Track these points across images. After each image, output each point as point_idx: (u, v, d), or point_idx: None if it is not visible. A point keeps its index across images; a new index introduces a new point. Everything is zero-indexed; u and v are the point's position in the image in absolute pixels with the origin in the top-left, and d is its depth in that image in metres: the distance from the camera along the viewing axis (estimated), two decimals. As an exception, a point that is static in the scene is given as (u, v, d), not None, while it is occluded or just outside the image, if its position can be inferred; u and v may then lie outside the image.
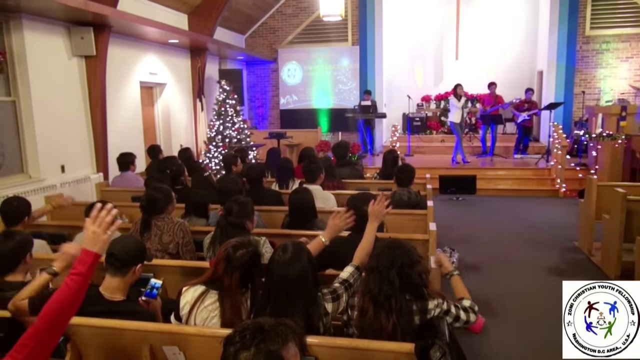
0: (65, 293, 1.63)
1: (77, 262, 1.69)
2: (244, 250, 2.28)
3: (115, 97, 7.24)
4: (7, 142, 5.68)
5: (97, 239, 1.71)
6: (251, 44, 12.76)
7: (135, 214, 4.21)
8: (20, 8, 5.41)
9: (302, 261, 2.14)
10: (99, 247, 1.71)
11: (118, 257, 2.33)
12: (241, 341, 1.37)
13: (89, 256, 1.68)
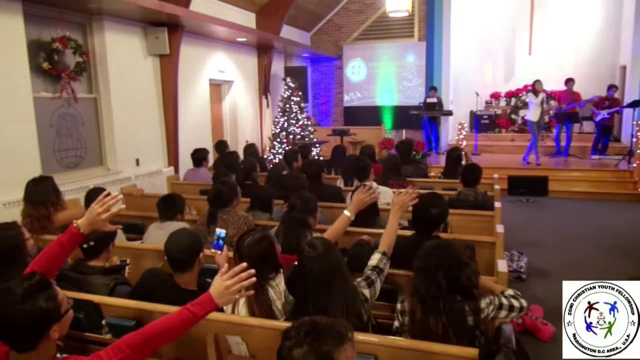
0: (173, 321, 1.70)
1: (197, 303, 1.74)
2: (250, 237, 2.37)
3: (186, 94, 7.55)
4: (88, 136, 6.08)
5: (226, 294, 1.75)
6: (316, 41, 12.85)
7: (203, 206, 4.37)
8: (102, 10, 5.77)
9: (334, 252, 2.18)
10: (222, 301, 1.76)
11: (176, 258, 2.45)
12: (296, 337, 1.38)
13: (210, 304, 1.74)
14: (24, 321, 1.49)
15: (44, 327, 1.54)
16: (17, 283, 1.54)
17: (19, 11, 4.82)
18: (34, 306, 1.50)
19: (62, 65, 5.44)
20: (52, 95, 5.47)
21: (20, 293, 1.50)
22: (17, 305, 1.49)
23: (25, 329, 1.51)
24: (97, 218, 1.98)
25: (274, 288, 2.34)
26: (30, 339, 1.53)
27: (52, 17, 5.41)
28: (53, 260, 1.92)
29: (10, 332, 1.52)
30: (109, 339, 2.40)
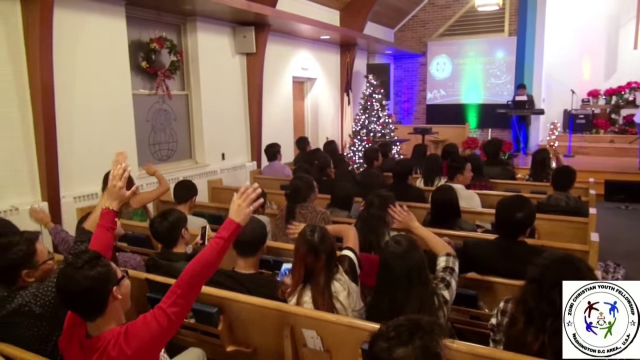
0: (208, 252, 1.86)
1: (222, 228, 1.91)
2: (315, 232, 2.40)
3: (270, 91, 7.77)
4: (180, 131, 6.46)
5: (241, 211, 1.93)
6: (400, 38, 12.66)
7: (283, 201, 4.47)
8: (196, 12, 6.09)
9: (418, 251, 2.17)
10: (241, 219, 1.92)
11: (243, 241, 2.56)
12: (398, 337, 1.35)
13: (232, 224, 1.91)
14: (87, 284, 1.68)
15: (106, 287, 1.72)
16: (76, 257, 1.76)
17: (122, 14, 5.22)
18: (93, 270, 1.70)
19: (158, 64, 5.83)
20: (148, 92, 5.88)
21: (81, 263, 1.71)
22: (80, 272, 1.69)
23: (90, 291, 1.69)
24: (116, 191, 2.18)
25: (338, 280, 2.37)
26: (98, 301, 1.71)
27: (151, 19, 5.79)
28: (104, 244, 2.10)
29: (78, 299, 1.70)
30: (193, 323, 2.53)
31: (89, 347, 1.71)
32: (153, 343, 1.75)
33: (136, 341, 1.70)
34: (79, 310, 1.75)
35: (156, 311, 1.76)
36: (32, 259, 2.14)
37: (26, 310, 2.04)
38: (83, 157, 4.84)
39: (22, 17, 4.21)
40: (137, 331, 1.72)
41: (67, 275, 1.70)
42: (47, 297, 2.06)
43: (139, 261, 3.00)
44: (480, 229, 3.75)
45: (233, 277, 2.56)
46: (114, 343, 1.70)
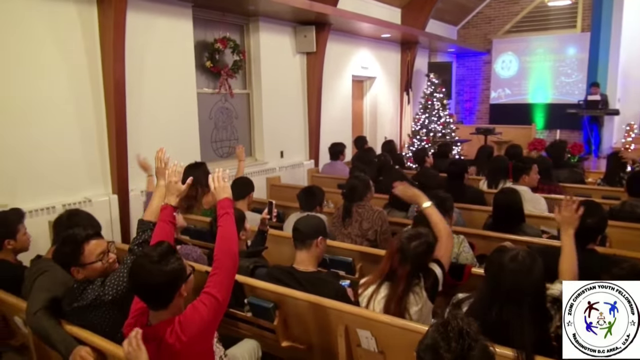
0: (222, 229, 2.05)
1: (219, 208, 2.13)
2: (418, 241, 2.29)
3: (329, 90, 7.79)
4: (240, 128, 6.62)
5: (221, 189, 2.21)
6: (463, 35, 12.31)
7: (340, 200, 4.47)
8: (259, 12, 6.21)
9: (538, 273, 1.92)
10: (226, 193, 2.20)
11: (300, 230, 2.61)
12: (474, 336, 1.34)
13: (224, 201, 2.16)
14: (161, 279, 1.78)
15: (177, 284, 1.82)
16: (152, 250, 1.85)
17: (189, 16, 5.42)
18: (167, 266, 1.79)
19: (221, 64, 6.00)
20: (212, 90, 6.06)
21: (156, 257, 1.80)
22: (155, 265, 1.78)
23: (163, 286, 1.79)
24: (172, 186, 2.29)
25: (416, 294, 2.26)
26: (166, 295, 1.82)
27: (215, 20, 5.97)
28: (165, 237, 2.16)
29: (150, 291, 1.81)
30: (249, 317, 2.58)
31: (148, 335, 1.80)
32: (205, 326, 1.84)
33: (190, 327, 1.80)
34: (145, 300, 1.85)
35: (202, 296, 1.87)
36: (78, 259, 2.19)
37: (98, 302, 2.18)
38: (150, 153, 5.05)
39: (98, 20, 4.48)
40: (189, 318, 1.82)
41: (143, 268, 1.79)
42: (118, 287, 2.19)
43: (200, 254, 3.09)
44: (546, 235, 3.57)
45: (291, 273, 2.58)
46: (170, 332, 1.79)
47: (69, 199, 4.36)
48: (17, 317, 2.47)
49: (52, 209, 4.17)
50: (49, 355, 2.37)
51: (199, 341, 1.83)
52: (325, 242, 2.70)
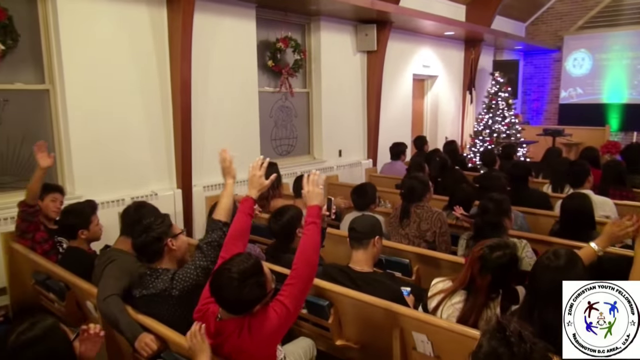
0: (306, 238, 2.02)
1: (307, 216, 2.09)
2: (501, 252, 2.15)
3: (389, 89, 7.71)
4: (300, 127, 6.70)
5: (314, 195, 2.15)
6: (532, 32, 11.77)
7: (397, 200, 4.41)
8: (320, 11, 6.25)
9: (577, 270, 1.88)
10: (318, 200, 2.13)
11: (356, 229, 2.59)
12: None
13: (314, 209, 2.10)
14: (235, 300, 1.81)
15: (251, 306, 1.84)
16: (235, 265, 1.83)
17: (253, 16, 5.54)
18: (244, 289, 1.78)
19: (283, 63, 6.09)
20: (272, 89, 6.17)
21: (237, 277, 1.79)
22: (236, 289, 1.78)
23: (237, 304, 1.83)
24: (256, 179, 2.30)
25: (489, 309, 2.15)
26: (241, 311, 1.85)
27: (278, 20, 6.07)
28: (242, 227, 2.21)
29: (231, 306, 1.85)
30: (305, 313, 2.60)
31: (217, 329, 1.85)
32: (273, 333, 1.85)
33: (258, 332, 1.81)
34: (221, 306, 1.88)
35: (274, 303, 1.86)
36: (170, 231, 2.40)
37: (166, 294, 2.27)
38: (212, 149, 5.23)
39: (168, 22, 4.68)
40: (261, 323, 1.83)
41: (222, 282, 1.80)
42: (185, 283, 2.27)
43: (259, 252, 3.16)
44: (619, 244, 3.35)
45: (347, 273, 2.57)
46: (238, 332, 1.82)
47: (137, 192, 4.59)
48: (88, 302, 2.63)
49: (122, 201, 4.41)
50: (117, 339, 2.50)
51: (265, 345, 1.85)
52: (382, 242, 2.68)
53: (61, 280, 2.82)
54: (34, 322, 1.53)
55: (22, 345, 1.46)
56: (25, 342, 1.46)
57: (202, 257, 2.30)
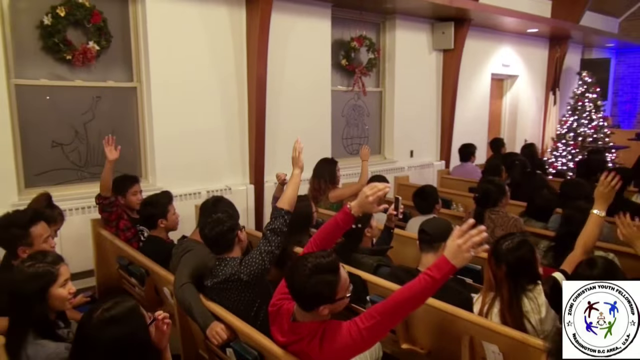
0: (416, 287, 1.77)
1: (434, 266, 1.77)
2: (509, 241, 2.19)
3: (465, 89, 7.46)
4: (371, 126, 6.66)
5: (460, 253, 1.74)
6: (627, 28, 10.88)
7: (469, 204, 4.26)
8: (396, 10, 6.17)
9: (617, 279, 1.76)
10: (458, 261, 1.74)
11: (427, 232, 2.53)
12: None
13: (447, 266, 1.75)
14: (304, 292, 1.78)
15: (314, 301, 1.79)
16: (314, 257, 1.81)
17: (328, 15, 5.58)
18: (310, 280, 1.75)
19: (356, 62, 6.09)
20: (345, 88, 6.18)
21: (309, 267, 1.77)
22: (304, 277, 1.76)
23: (306, 297, 1.80)
24: (366, 201, 2.08)
25: (531, 300, 2.13)
26: (309, 305, 1.82)
27: (353, 19, 6.07)
28: (330, 236, 2.15)
29: (296, 294, 1.83)
30: (370, 314, 2.58)
31: (290, 329, 1.88)
32: (343, 353, 1.81)
33: (329, 346, 1.79)
34: (294, 299, 1.87)
35: (352, 326, 1.79)
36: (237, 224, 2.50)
37: (235, 278, 2.35)
38: (285, 147, 5.33)
39: (246, 22, 4.83)
40: (332, 337, 1.80)
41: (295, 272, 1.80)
42: (252, 268, 2.36)
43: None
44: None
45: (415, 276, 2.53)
46: (310, 339, 1.81)
47: (212, 186, 4.78)
48: (166, 288, 2.78)
49: (198, 194, 4.61)
50: (190, 325, 2.62)
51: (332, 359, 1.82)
52: None
53: (142, 266, 3.00)
54: (118, 302, 1.62)
55: (106, 321, 1.55)
56: (109, 318, 1.55)
57: (266, 243, 2.39)
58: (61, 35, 3.91)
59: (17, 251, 2.41)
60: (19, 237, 2.41)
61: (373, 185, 2.11)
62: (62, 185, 4.17)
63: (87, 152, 4.32)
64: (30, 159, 4.05)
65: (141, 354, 1.61)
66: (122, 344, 1.56)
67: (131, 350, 1.58)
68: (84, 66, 4.13)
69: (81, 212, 4.03)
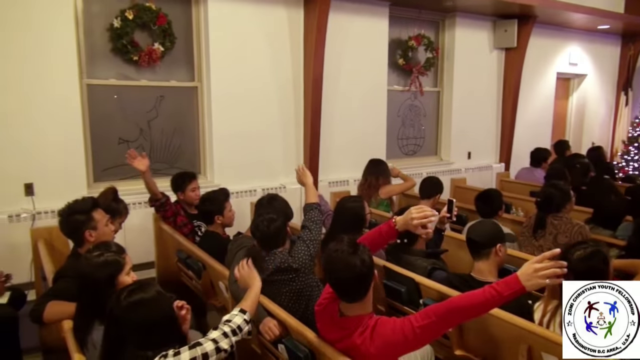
0: (478, 298, 1.74)
1: (503, 282, 1.74)
2: (581, 250, 2.07)
3: (528, 88, 7.17)
4: (427, 127, 6.54)
5: (534, 279, 1.69)
6: None
7: (530, 208, 4.09)
8: (456, 7, 6.02)
9: None
10: (530, 284, 1.69)
11: (474, 239, 2.47)
12: None
13: (517, 285, 1.70)
14: (352, 272, 1.77)
15: (368, 278, 1.81)
16: (345, 245, 1.84)
17: (386, 14, 5.53)
18: (358, 259, 1.79)
19: (414, 61, 6.00)
20: (402, 88, 6.10)
21: (348, 249, 1.81)
22: (346, 257, 1.79)
23: (355, 278, 1.79)
24: (410, 222, 2.09)
25: None
26: (358, 289, 1.81)
27: (411, 18, 5.98)
28: (372, 244, 2.13)
29: (343, 283, 1.82)
30: (423, 318, 2.53)
31: (339, 324, 1.88)
32: (394, 349, 1.80)
33: (380, 341, 1.78)
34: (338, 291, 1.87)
35: (406, 323, 1.78)
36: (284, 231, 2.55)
37: (285, 266, 2.41)
38: (339, 146, 5.36)
39: (304, 21, 4.88)
40: (384, 333, 1.79)
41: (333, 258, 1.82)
42: (299, 255, 2.43)
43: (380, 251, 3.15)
44: None
45: (468, 282, 2.47)
46: (360, 332, 1.81)
47: (267, 184, 4.87)
48: (221, 283, 2.85)
49: (254, 192, 4.71)
50: (243, 320, 2.67)
51: (383, 353, 1.80)
52: (505, 249, 2.53)
53: (199, 260, 3.10)
54: (143, 286, 1.72)
55: (134, 303, 1.65)
56: (137, 301, 1.65)
57: (308, 233, 2.53)
58: (129, 37, 4.11)
59: (83, 236, 2.55)
60: (84, 221, 2.54)
61: (421, 208, 2.11)
62: (126, 180, 4.39)
63: (151, 148, 4.52)
64: (98, 155, 4.29)
65: (166, 333, 1.70)
66: (149, 324, 1.66)
67: (157, 329, 1.67)
68: (149, 66, 4.33)
69: (144, 206, 4.21)
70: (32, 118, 3.80)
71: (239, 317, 2.01)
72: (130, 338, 1.66)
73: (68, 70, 3.90)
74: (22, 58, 3.72)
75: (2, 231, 3.72)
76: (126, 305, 1.65)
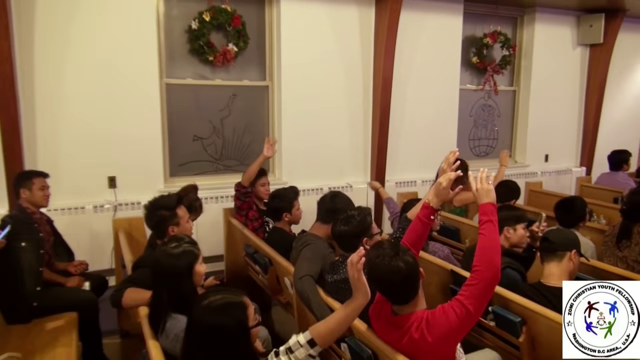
0: (484, 238, 1.86)
1: (481, 215, 1.92)
2: None
3: (615, 87, 6.68)
4: (501, 127, 6.27)
5: (484, 193, 1.98)
6: None
7: (614, 216, 3.82)
8: (535, 2, 5.73)
9: None
10: (490, 198, 1.95)
11: (551, 240, 2.38)
12: None
13: (487, 206, 1.93)
14: (398, 275, 1.78)
15: (415, 279, 1.81)
16: (386, 249, 1.85)
17: (460, 11, 5.36)
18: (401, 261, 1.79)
19: (488, 59, 5.78)
20: (475, 87, 5.89)
21: (389, 253, 1.82)
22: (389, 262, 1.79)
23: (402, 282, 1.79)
24: (441, 190, 2.16)
25: None
26: (408, 291, 1.82)
27: (486, 14, 5.76)
28: (417, 235, 2.13)
29: (391, 288, 1.83)
30: (492, 326, 2.44)
31: (394, 323, 1.87)
32: (451, 333, 1.78)
33: (436, 329, 1.77)
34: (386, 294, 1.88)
35: (454, 303, 1.79)
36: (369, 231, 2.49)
37: None
38: (407, 146, 5.27)
39: (375, 20, 4.84)
40: (437, 320, 1.78)
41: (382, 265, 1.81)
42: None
43: (447, 253, 3.06)
44: None
45: (537, 288, 2.34)
46: (417, 326, 1.80)
47: (334, 182, 4.89)
48: (286, 278, 2.90)
49: (320, 190, 4.75)
50: (307, 316, 2.70)
51: (443, 345, 1.79)
52: (579, 259, 2.41)
53: (266, 255, 3.17)
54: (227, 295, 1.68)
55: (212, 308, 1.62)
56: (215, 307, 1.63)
57: None
58: (206, 39, 4.29)
59: (166, 231, 2.67)
60: (168, 217, 2.67)
61: (446, 175, 2.22)
62: (199, 176, 4.58)
63: (223, 146, 4.69)
64: (174, 151, 4.51)
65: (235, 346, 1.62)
66: (218, 332, 1.60)
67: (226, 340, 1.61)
68: (223, 66, 4.48)
69: (215, 201, 4.39)
70: (117, 116, 4.07)
71: (304, 351, 1.72)
72: None
73: (150, 70, 4.13)
74: (108, 59, 3.98)
75: (88, 220, 4.01)
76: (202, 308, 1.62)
